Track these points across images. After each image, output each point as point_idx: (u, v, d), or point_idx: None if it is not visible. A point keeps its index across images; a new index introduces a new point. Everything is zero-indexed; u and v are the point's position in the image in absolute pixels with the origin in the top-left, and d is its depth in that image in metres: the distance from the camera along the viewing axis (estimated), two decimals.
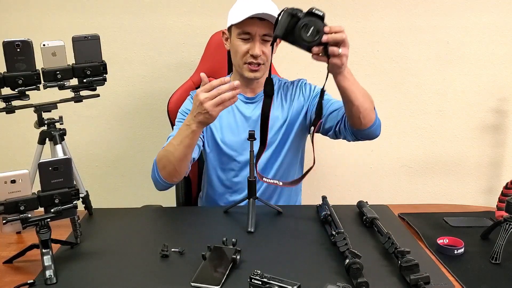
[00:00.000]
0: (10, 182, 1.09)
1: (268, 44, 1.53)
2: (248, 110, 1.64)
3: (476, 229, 1.37)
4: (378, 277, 1.12)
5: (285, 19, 1.16)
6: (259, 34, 1.51)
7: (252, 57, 1.53)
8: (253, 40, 1.52)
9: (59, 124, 1.33)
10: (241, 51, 1.54)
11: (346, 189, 2.33)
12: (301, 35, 1.13)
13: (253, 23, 1.48)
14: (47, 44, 1.23)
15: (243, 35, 1.52)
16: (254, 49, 1.51)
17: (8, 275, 1.15)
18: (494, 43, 2.23)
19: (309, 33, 1.13)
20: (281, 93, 1.67)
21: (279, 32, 1.18)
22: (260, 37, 1.51)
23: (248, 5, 1.50)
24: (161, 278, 1.12)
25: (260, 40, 1.52)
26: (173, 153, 1.39)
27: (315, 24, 1.13)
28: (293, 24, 1.16)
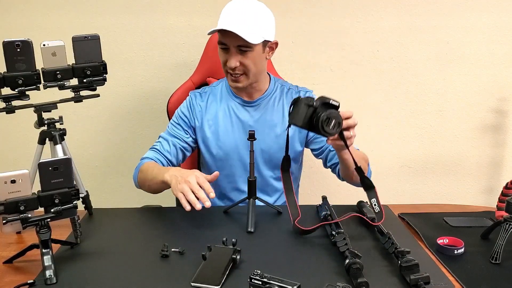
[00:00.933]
0: (10, 182, 1.09)
1: (247, 54, 1.49)
2: (245, 114, 1.63)
3: (476, 229, 1.37)
4: (378, 277, 1.12)
5: (303, 110, 1.22)
6: (234, 45, 1.48)
7: (230, 68, 1.52)
8: (229, 51, 1.50)
9: (59, 124, 1.33)
10: (221, 61, 1.54)
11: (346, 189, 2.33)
12: (324, 128, 1.19)
13: (227, 34, 1.45)
14: (47, 44, 1.23)
15: (220, 44, 1.51)
16: (230, 61, 1.50)
17: (8, 275, 1.15)
18: (494, 43, 2.23)
19: (331, 126, 1.20)
20: (283, 100, 1.65)
21: (299, 123, 1.22)
22: (236, 48, 1.48)
23: (224, 15, 1.49)
24: (161, 278, 1.12)
25: (236, 51, 1.49)
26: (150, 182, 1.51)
27: (336, 117, 1.20)
28: (311, 113, 1.22)
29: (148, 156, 1.61)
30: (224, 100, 1.64)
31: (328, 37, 2.19)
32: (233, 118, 1.63)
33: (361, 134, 2.31)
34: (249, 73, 1.53)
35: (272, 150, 1.62)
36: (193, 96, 1.67)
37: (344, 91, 2.24)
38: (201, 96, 1.67)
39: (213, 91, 1.67)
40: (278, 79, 1.71)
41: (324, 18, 2.17)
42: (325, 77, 2.21)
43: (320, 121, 1.18)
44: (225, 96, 1.65)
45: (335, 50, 2.20)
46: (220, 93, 1.66)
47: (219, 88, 1.67)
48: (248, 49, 1.48)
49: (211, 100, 1.65)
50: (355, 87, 2.25)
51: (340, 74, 2.22)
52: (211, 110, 1.64)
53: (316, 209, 1.49)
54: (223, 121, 1.63)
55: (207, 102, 1.65)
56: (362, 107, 2.28)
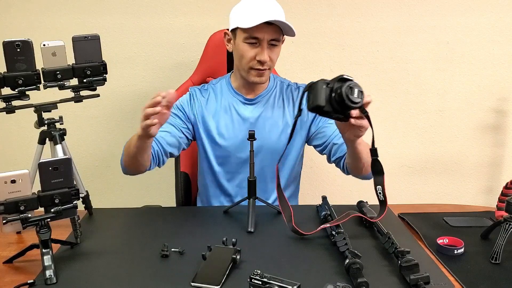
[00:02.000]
0: (10, 182, 1.09)
1: (274, 49, 1.52)
2: (246, 111, 1.63)
3: (476, 229, 1.37)
4: (378, 277, 1.12)
5: (321, 90, 1.20)
6: (267, 39, 1.48)
7: (259, 63, 1.51)
8: (260, 45, 1.49)
9: (59, 124, 1.33)
10: (247, 56, 1.51)
11: (346, 189, 2.33)
12: (349, 97, 1.16)
13: (262, 28, 1.46)
14: (47, 44, 1.23)
15: (250, 39, 1.49)
16: (263, 55, 1.49)
17: (8, 275, 1.15)
18: (494, 43, 2.23)
19: (356, 94, 1.17)
20: (283, 96, 1.65)
21: (322, 102, 1.18)
22: (268, 42, 1.49)
23: (257, 9, 1.47)
24: (161, 278, 1.13)
25: (267, 45, 1.50)
26: (131, 152, 1.43)
27: (357, 86, 1.18)
28: (329, 91, 1.19)
29: None
30: (224, 97, 1.64)
31: (328, 37, 2.19)
32: (234, 115, 1.62)
33: None
34: (272, 67, 1.55)
35: (275, 146, 1.61)
36: (193, 91, 1.67)
37: None
38: (201, 92, 1.66)
39: (214, 88, 1.67)
40: (277, 76, 1.71)
41: (324, 18, 2.17)
42: (325, 77, 2.20)
43: (343, 92, 1.16)
44: (226, 93, 1.64)
45: (335, 50, 2.20)
46: (220, 90, 1.66)
47: (218, 86, 1.67)
48: (278, 43, 1.51)
49: (212, 97, 1.65)
50: None
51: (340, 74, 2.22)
52: (211, 107, 1.64)
53: (316, 209, 1.49)
54: (224, 118, 1.62)
55: (207, 98, 1.65)
56: None
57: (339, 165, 1.60)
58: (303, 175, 1.82)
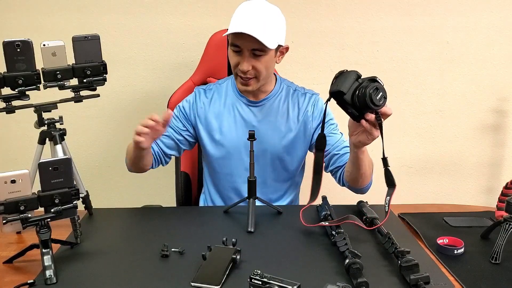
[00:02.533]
0: (10, 182, 1.09)
1: (260, 58, 1.48)
2: (249, 114, 1.62)
3: (476, 229, 1.37)
4: (378, 277, 1.12)
5: (351, 79, 1.22)
6: (248, 49, 1.46)
7: (241, 71, 1.50)
8: (242, 54, 1.48)
9: (59, 124, 1.33)
10: (232, 62, 1.53)
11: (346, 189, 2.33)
12: (372, 98, 1.18)
13: (242, 36, 1.43)
14: (47, 44, 1.23)
15: (233, 47, 1.49)
16: (243, 64, 1.48)
17: (8, 275, 1.15)
18: (494, 43, 2.23)
19: (379, 97, 1.19)
20: (289, 101, 1.63)
21: (345, 89, 1.21)
22: (250, 51, 1.46)
23: (239, 17, 1.46)
24: (161, 278, 1.13)
25: (249, 54, 1.47)
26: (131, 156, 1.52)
27: (383, 91, 1.20)
28: (357, 86, 1.21)
29: None
30: (229, 99, 1.63)
31: (328, 37, 2.19)
32: (237, 117, 1.62)
33: None
34: (260, 76, 1.52)
35: (276, 151, 1.61)
36: (197, 92, 1.66)
37: None
38: (205, 93, 1.66)
39: (218, 88, 1.66)
40: (284, 80, 1.69)
41: (324, 18, 2.17)
42: (325, 77, 2.19)
43: (368, 90, 1.17)
44: (230, 95, 1.64)
45: (335, 50, 2.20)
46: (225, 91, 1.65)
47: (224, 86, 1.66)
48: (262, 53, 1.47)
49: (216, 98, 1.64)
50: None
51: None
52: (214, 108, 1.63)
53: (316, 209, 1.49)
54: (227, 120, 1.62)
55: (211, 99, 1.64)
56: None
57: (335, 175, 1.60)
58: (303, 175, 1.81)
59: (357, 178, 1.46)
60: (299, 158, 1.65)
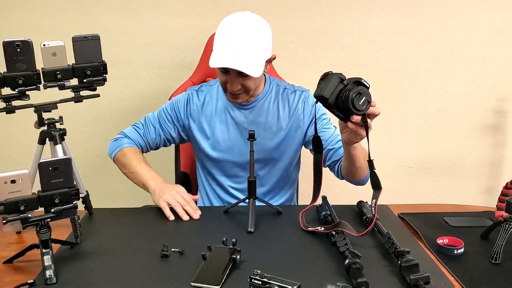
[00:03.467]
0: (10, 182, 1.09)
1: (249, 78, 1.47)
2: (240, 116, 1.62)
3: (476, 229, 1.37)
4: (378, 277, 1.12)
5: (334, 82, 1.21)
6: (235, 72, 1.45)
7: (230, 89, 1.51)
8: (229, 74, 1.47)
9: (59, 124, 1.33)
10: (220, 81, 1.53)
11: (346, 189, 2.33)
12: (354, 102, 1.17)
13: None
14: (47, 44, 1.23)
15: (220, 68, 1.47)
16: (232, 85, 1.48)
17: (8, 275, 1.15)
18: (494, 43, 2.23)
19: (361, 102, 1.18)
20: (279, 100, 1.63)
21: (327, 94, 1.20)
22: (237, 73, 1.45)
23: (223, 45, 1.43)
24: (161, 278, 1.12)
25: (237, 75, 1.46)
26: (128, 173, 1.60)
27: (367, 95, 1.19)
28: (341, 88, 1.21)
29: (129, 136, 1.66)
30: (220, 101, 1.63)
31: (328, 37, 2.19)
32: (228, 120, 1.62)
33: None
34: (249, 91, 1.53)
35: (267, 151, 1.62)
36: (190, 94, 1.66)
37: None
38: (197, 94, 1.65)
39: (210, 90, 1.66)
40: (274, 79, 1.69)
41: (324, 18, 2.17)
42: None
43: (350, 95, 1.16)
44: (221, 97, 1.63)
45: (335, 50, 2.20)
46: (217, 93, 1.65)
47: (215, 88, 1.66)
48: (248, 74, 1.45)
49: (208, 100, 1.64)
50: None
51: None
52: (207, 110, 1.63)
53: (316, 209, 1.49)
54: (219, 122, 1.62)
55: (203, 102, 1.64)
56: None
57: (333, 169, 1.61)
58: (303, 175, 1.82)
59: (353, 171, 1.47)
60: (291, 155, 1.65)
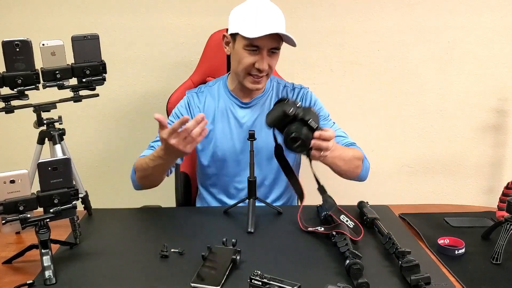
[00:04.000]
0: (9, 182, 1.09)
1: (274, 56, 1.51)
2: (242, 115, 1.62)
3: (477, 229, 1.37)
4: (378, 277, 1.11)
5: (279, 114, 1.26)
6: (268, 48, 1.48)
7: (257, 70, 1.50)
8: (260, 53, 1.48)
9: (58, 124, 1.33)
10: (246, 63, 1.50)
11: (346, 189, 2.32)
12: (289, 142, 1.24)
13: (263, 37, 1.43)
14: (47, 44, 1.23)
15: (251, 47, 1.47)
16: (262, 63, 1.48)
17: (7, 276, 1.15)
18: (495, 43, 2.23)
19: (296, 145, 1.24)
20: (279, 97, 1.61)
21: (269, 124, 1.30)
22: (268, 50, 1.48)
23: (260, 18, 1.46)
24: (161, 278, 1.12)
25: (267, 53, 1.49)
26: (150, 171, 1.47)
27: (305, 139, 1.23)
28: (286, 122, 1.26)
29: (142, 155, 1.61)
30: (221, 100, 1.63)
31: (328, 37, 2.19)
32: (230, 119, 1.62)
33: (361, 134, 2.31)
34: (270, 74, 1.55)
35: (270, 148, 1.59)
36: (190, 96, 1.65)
37: (344, 91, 2.23)
38: (198, 96, 1.65)
39: (210, 91, 1.66)
40: (274, 77, 1.70)
41: (324, 18, 2.16)
42: (325, 77, 2.21)
43: (287, 136, 1.22)
44: (222, 96, 1.64)
45: (335, 50, 2.20)
46: (217, 93, 1.65)
47: (215, 88, 1.66)
48: (277, 51, 1.51)
49: (209, 101, 1.64)
50: (355, 87, 2.25)
51: (340, 74, 2.22)
52: (208, 111, 1.63)
53: (316, 209, 1.49)
54: (221, 122, 1.62)
55: (204, 103, 1.64)
56: (362, 107, 2.28)
57: None
58: (303, 175, 1.81)
59: (342, 175, 1.52)
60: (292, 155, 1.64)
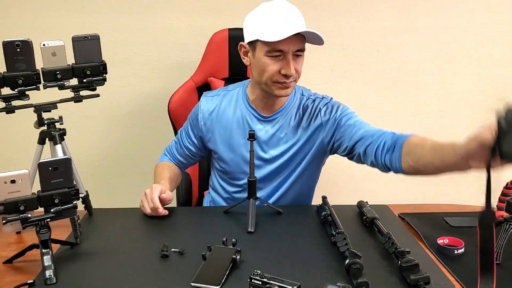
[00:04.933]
0: (10, 182, 1.09)
1: (299, 59, 1.42)
2: (259, 128, 1.53)
3: (476, 229, 1.37)
4: (378, 277, 1.12)
5: None
6: (292, 51, 1.38)
7: (284, 77, 1.40)
8: (285, 58, 1.38)
9: (59, 124, 1.33)
10: (271, 71, 1.40)
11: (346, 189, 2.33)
12: None
13: (287, 40, 1.34)
14: (47, 44, 1.23)
15: (274, 52, 1.38)
16: (289, 69, 1.38)
17: (8, 275, 1.15)
18: (494, 43, 2.23)
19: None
20: (300, 111, 1.53)
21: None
22: (293, 53, 1.39)
23: (281, 20, 1.37)
24: (161, 278, 1.12)
25: (292, 56, 1.39)
26: None
27: None
28: None
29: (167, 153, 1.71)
30: (238, 109, 1.55)
31: (328, 37, 2.16)
32: (246, 131, 1.50)
33: None
34: (298, 79, 1.46)
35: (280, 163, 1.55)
36: (205, 101, 1.59)
37: (344, 91, 2.23)
38: (213, 101, 1.58)
39: (228, 95, 1.58)
40: (299, 87, 1.59)
41: (324, 18, 2.17)
42: (325, 77, 2.21)
43: None
44: (240, 105, 1.55)
45: (335, 50, 2.20)
46: (236, 100, 1.56)
47: (234, 94, 1.58)
48: (302, 53, 1.42)
49: (224, 106, 1.57)
50: (355, 87, 2.25)
51: (340, 74, 2.22)
52: (223, 118, 1.56)
53: (316, 209, 1.49)
54: (236, 133, 1.55)
55: (219, 108, 1.57)
56: (362, 107, 2.26)
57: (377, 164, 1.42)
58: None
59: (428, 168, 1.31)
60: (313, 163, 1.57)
